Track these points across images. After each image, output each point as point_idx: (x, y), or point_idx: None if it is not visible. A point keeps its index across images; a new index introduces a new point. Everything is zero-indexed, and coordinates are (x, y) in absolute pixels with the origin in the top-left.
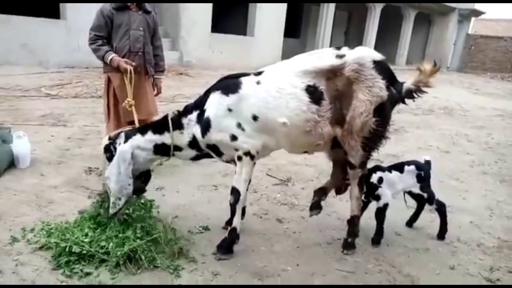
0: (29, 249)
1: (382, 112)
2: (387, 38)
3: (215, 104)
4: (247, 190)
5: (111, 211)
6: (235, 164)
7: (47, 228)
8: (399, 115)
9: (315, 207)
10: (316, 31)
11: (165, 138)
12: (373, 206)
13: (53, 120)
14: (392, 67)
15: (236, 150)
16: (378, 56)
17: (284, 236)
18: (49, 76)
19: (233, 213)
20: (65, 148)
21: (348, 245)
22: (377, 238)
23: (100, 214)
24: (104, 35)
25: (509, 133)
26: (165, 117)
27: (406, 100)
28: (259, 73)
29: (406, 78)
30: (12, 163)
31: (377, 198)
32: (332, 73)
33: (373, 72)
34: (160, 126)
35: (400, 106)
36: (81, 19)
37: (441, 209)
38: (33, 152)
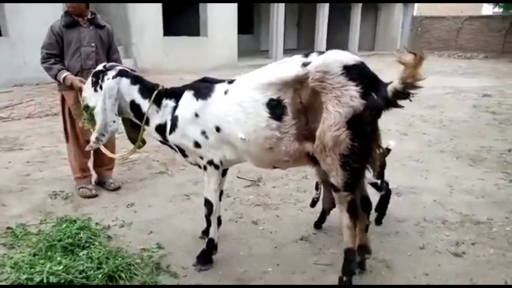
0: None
1: (359, 125)
2: (338, 27)
3: (185, 105)
4: (220, 200)
5: (93, 145)
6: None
7: (11, 264)
8: None
9: (362, 267)
10: (269, 26)
11: (143, 103)
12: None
13: (8, 144)
14: None
15: (201, 158)
16: (351, 60)
17: (261, 238)
18: None
19: (208, 224)
20: (25, 174)
21: (345, 285)
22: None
23: (61, 239)
24: (56, 52)
25: (460, 109)
26: (157, 85)
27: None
28: (231, 81)
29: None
30: None
31: None
32: (298, 84)
33: (342, 79)
34: (147, 90)
35: None
36: (25, 34)
37: (387, 196)
38: None
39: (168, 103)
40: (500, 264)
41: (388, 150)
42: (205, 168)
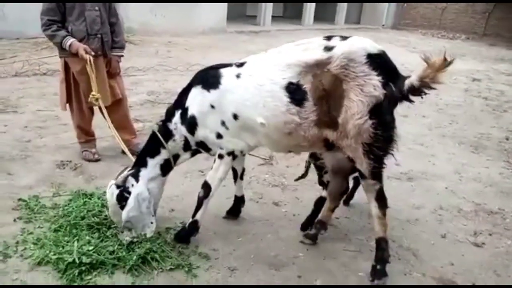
0: (26, 266)
1: (380, 114)
2: None
3: (198, 101)
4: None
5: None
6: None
7: (34, 240)
8: None
9: (311, 238)
10: None
11: (164, 154)
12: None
13: (0, 106)
14: (332, 26)
15: (221, 148)
16: (374, 48)
17: (285, 221)
18: None
19: (199, 206)
20: (26, 140)
21: (378, 273)
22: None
23: (84, 217)
24: (57, 18)
25: (454, 93)
26: (153, 134)
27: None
28: (241, 64)
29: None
30: None
31: None
32: (318, 69)
33: (366, 68)
34: (154, 147)
35: None
36: None
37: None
38: None
39: (175, 120)
40: None
41: None
42: (220, 156)
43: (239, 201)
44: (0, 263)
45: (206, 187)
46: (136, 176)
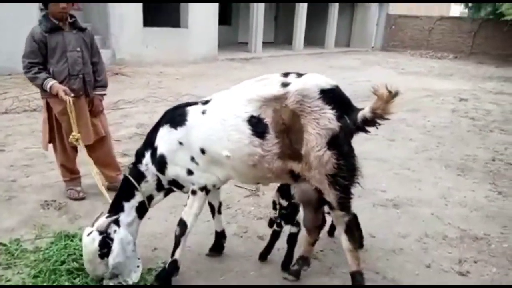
0: None
1: (338, 145)
2: (316, 23)
3: (166, 139)
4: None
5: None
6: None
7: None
8: None
9: (294, 274)
10: (247, 18)
11: (138, 197)
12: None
13: None
14: (322, 50)
15: (193, 184)
16: (327, 84)
17: (269, 256)
18: None
19: (176, 245)
20: (11, 179)
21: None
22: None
23: (65, 261)
24: (38, 61)
25: (441, 114)
26: (125, 178)
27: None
28: (206, 102)
29: (334, 60)
30: None
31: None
32: (277, 104)
33: (320, 102)
34: (128, 191)
35: None
36: None
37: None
38: None
39: (145, 161)
40: (504, 283)
41: None
42: (194, 192)
43: (220, 236)
44: None
45: (182, 225)
46: (116, 222)
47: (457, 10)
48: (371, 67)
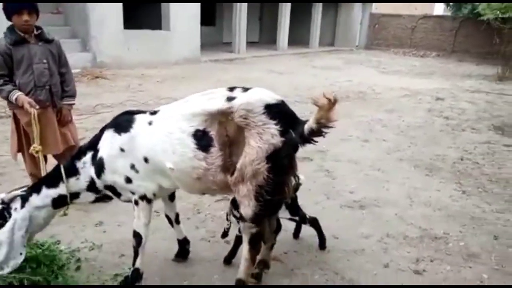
0: None
1: (277, 160)
2: (300, 22)
3: (108, 143)
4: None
5: None
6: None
7: None
8: None
9: (255, 278)
10: (231, 18)
11: (61, 189)
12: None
13: None
14: (306, 50)
15: (132, 193)
16: (272, 99)
17: (235, 259)
18: None
19: (136, 255)
20: None
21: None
22: None
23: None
24: (4, 73)
25: (417, 114)
26: (57, 166)
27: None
28: (155, 112)
29: (317, 60)
30: None
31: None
32: (222, 117)
33: (264, 117)
34: (53, 179)
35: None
36: None
37: (315, 224)
38: None
39: (85, 159)
40: (456, 281)
41: (298, 185)
42: (136, 203)
43: (183, 243)
44: None
45: (137, 236)
46: (24, 200)
47: (441, 8)
48: (354, 66)
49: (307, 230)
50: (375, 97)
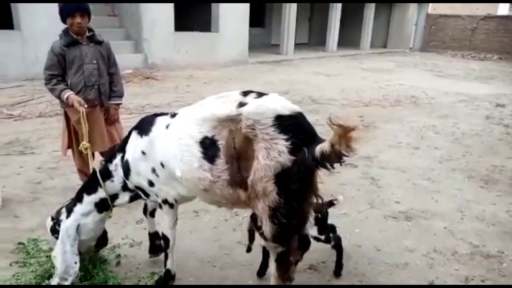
0: None
1: (286, 181)
2: (351, 23)
3: (132, 146)
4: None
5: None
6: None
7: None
8: (368, 108)
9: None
10: (281, 20)
11: (100, 193)
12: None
13: (19, 147)
14: (357, 52)
15: (156, 195)
16: (287, 110)
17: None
18: (8, 92)
19: (166, 257)
20: (37, 181)
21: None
22: None
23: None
24: (58, 73)
25: (473, 121)
26: (94, 171)
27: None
28: (174, 115)
29: (368, 62)
30: None
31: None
32: (232, 125)
33: (272, 131)
34: (92, 185)
35: (370, 96)
36: (36, 29)
37: (338, 245)
38: (3, 189)
39: (116, 161)
40: None
41: (331, 205)
42: (160, 206)
43: (153, 238)
44: None
45: (165, 239)
46: (69, 211)
47: (506, 8)
48: (407, 69)
49: (347, 239)
50: (428, 102)
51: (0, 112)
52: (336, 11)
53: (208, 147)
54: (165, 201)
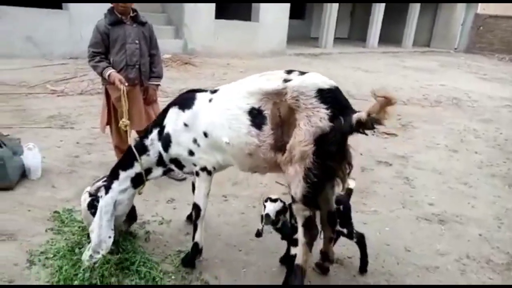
0: (44, 275)
1: (324, 144)
2: (393, 19)
3: (173, 120)
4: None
5: (87, 263)
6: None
7: (55, 252)
8: (407, 107)
9: (322, 270)
10: (322, 12)
11: (136, 168)
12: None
13: (61, 121)
14: (398, 49)
15: (194, 165)
16: (326, 84)
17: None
18: (54, 69)
19: (195, 228)
20: (75, 155)
21: None
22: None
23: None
24: (101, 51)
25: None
26: (129, 148)
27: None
28: (215, 91)
29: (409, 61)
30: (23, 174)
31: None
32: (277, 98)
33: (315, 101)
34: (127, 160)
35: (409, 95)
36: (83, 10)
37: (361, 241)
38: (43, 160)
39: (152, 136)
40: None
41: (350, 193)
42: (197, 174)
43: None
44: (26, 270)
45: (196, 208)
46: (107, 188)
47: None
48: (450, 70)
49: (376, 237)
50: (470, 105)
51: (44, 87)
52: (379, 7)
53: (256, 116)
54: (204, 169)
